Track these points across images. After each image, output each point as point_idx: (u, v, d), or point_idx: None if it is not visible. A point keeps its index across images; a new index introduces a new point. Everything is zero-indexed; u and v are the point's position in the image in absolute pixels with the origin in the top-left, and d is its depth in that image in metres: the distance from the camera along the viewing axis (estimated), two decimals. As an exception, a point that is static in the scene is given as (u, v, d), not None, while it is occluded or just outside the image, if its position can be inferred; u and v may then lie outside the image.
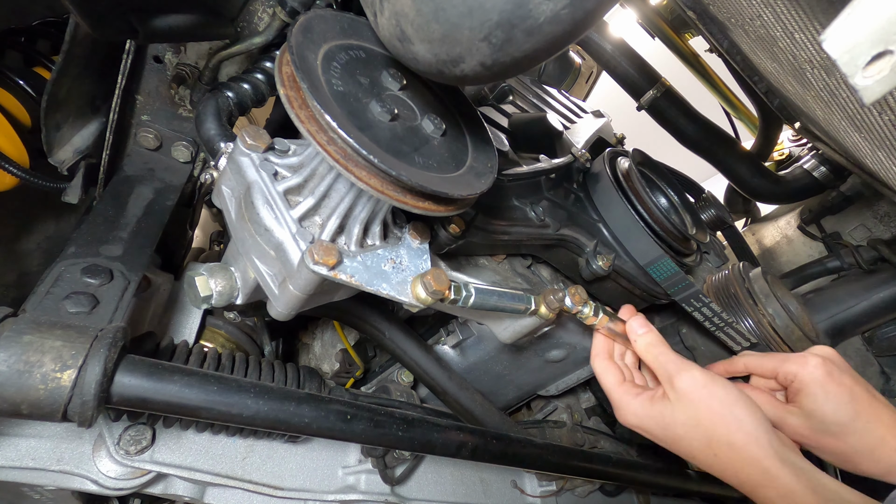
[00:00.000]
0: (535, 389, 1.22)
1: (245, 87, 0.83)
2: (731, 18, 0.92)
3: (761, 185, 1.65)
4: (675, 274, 0.91)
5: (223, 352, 0.82)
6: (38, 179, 0.86)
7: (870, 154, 0.90)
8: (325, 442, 0.98)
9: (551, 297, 0.78)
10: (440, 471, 1.11)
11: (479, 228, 0.82)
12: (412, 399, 1.04)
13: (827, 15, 0.66)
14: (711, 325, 0.96)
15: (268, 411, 0.65)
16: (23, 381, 0.51)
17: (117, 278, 0.71)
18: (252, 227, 0.61)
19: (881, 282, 1.28)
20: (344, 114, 0.54)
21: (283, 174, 0.64)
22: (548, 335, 1.02)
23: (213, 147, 0.72)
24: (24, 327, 0.54)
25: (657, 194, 1.11)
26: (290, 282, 0.59)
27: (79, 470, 0.75)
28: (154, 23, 0.75)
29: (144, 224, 0.84)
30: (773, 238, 1.98)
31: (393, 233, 0.72)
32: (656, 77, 1.59)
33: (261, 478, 0.88)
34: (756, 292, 1.06)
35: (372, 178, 0.55)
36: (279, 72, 0.55)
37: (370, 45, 0.65)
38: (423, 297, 0.64)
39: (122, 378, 0.57)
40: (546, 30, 0.44)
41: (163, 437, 0.81)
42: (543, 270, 1.07)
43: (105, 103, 0.90)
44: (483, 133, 0.72)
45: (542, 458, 0.94)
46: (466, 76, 0.50)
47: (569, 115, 1.58)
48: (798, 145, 1.88)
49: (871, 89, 0.37)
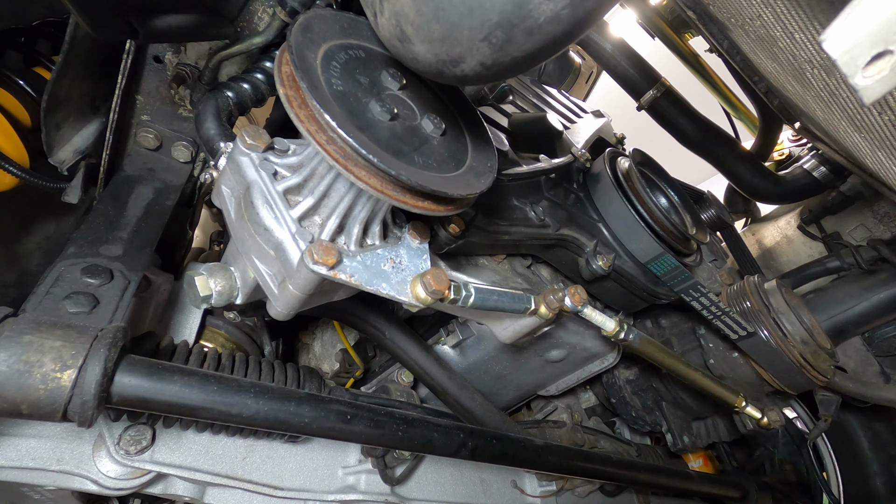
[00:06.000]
0: (535, 389, 1.22)
1: (245, 87, 0.83)
2: (731, 18, 0.92)
3: (761, 185, 1.65)
4: (676, 268, 0.92)
5: (223, 352, 0.82)
6: (38, 179, 0.86)
7: (870, 154, 0.90)
8: (325, 442, 0.98)
9: (551, 297, 0.78)
10: (440, 471, 1.11)
11: (478, 228, 0.82)
12: (412, 399, 1.04)
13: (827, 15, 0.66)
14: (710, 314, 0.99)
15: (268, 411, 0.65)
16: (23, 381, 0.51)
17: (117, 278, 0.71)
18: (252, 227, 0.61)
19: (881, 282, 1.28)
20: (343, 113, 0.54)
21: (283, 174, 0.64)
22: (548, 335, 1.02)
23: (213, 147, 0.72)
24: (24, 327, 0.54)
25: (657, 194, 1.12)
26: (289, 281, 0.59)
27: (79, 470, 0.75)
28: (154, 23, 0.75)
29: (144, 224, 0.84)
30: (773, 238, 1.98)
31: (393, 232, 0.72)
32: (656, 77, 1.59)
33: (261, 478, 0.88)
34: (773, 307, 1.07)
35: (371, 178, 0.55)
36: (279, 71, 0.55)
37: (370, 44, 0.65)
38: (423, 296, 0.64)
39: (122, 378, 0.57)
40: (546, 30, 0.44)
41: (163, 437, 0.81)
42: (543, 270, 1.07)
43: (105, 103, 0.90)
44: (483, 133, 0.72)
45: (542, 458, 0.94)
46: (466, 76, 0.50)
47: (569, 115, 1.58)
48: (798, 145, 1.88)
49: (871, 89, 0.37)
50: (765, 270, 1.84)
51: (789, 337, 1.04)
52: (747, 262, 1.66)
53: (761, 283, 1.14)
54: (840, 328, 1.25)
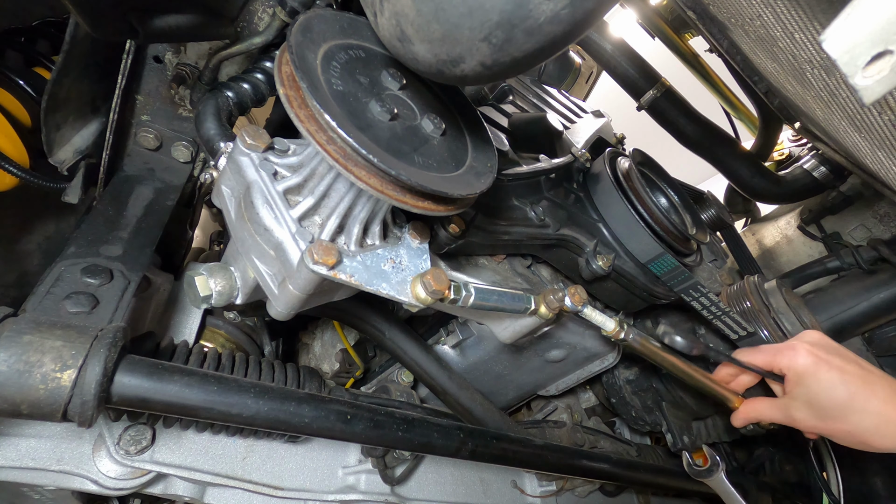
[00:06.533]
0: (535, 389, 1.22)
1: (245, 87, 0.83)
2: (731, 18, 0.92)
3: (761, 185, 1.65)
4: (676, 268, 0.92)
5: (223, 352, 0.81)
6: (38, 179, 0.86)
7: (870, 154, 0.90)
8: (325, 442, 0.98)
9: (551, 297, 0.78)
10: (440, 471, 1.11)
11: (478, 228, 0.82)
12: (412, 399, 1.04)
13: (827, 15, 0.66)
14: (710, 314, 0.99)
15: (268, 411, 0.65)
16: (23, 381, 0.51)
17: (117, 278, 0.71)
18: (252, 227, 0.61)
19: (881, 282, 1.28)
20: (343, 113, 0.54)
21: (283, 174, 0.64)
22: (548, 335, 1.02)
23: (213, 147, 0.72)
24: (24, 327, 0.54)
25: (657, 194, 1.12)
26: (289, 281, 0.59)
27: (79, 470, 0.75)
28: (154, 23, 0.75)
29: (144, 224, 0.84)
30: (773, 238, 1.98)
31: (393, 232, 0.72)
32: (656, 77, 1.59)
33: (261, 478, 0.88)
34: (773, 307, 1.07)
35: (371, 178, 0.55)
36: (279, 71, 0.55)
37: (370, 44, 0.65)
38: (423, 296, 0.64)
39: (122, 378, 0.57)
40: (546, 30, 0.44)
41: (163, 437, 0.81)
42: (543, 270, 1.07)
43: (105, 103, 0.90)
44: (483, 133, 0.72)
45: (542, 458, 0.94)
46: (466, 76, 0.50)
47: (569, 115, 1.57)
48: (798, 145, 1.88)
49: (870, 89, 0.37)
50: (765, 270, 1.84)
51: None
52: (747, 262, 1.66)
53: (761, 283, 1.14)
54: (840, 328, 1.25)
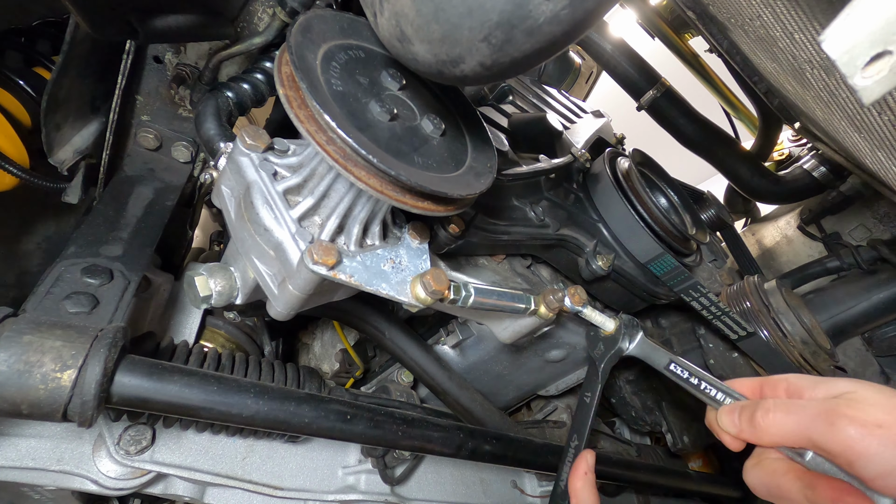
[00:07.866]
0: (535, 389, 1.22)
1: (245, 87, 0.83)
2: (731, 18, 0.92)
3: (761, 185, 1.65)
4: (676, 268, 0.92)
5: (223, 352, 0.82)
6: (38, 179, 0.86)
7: (869, 154, 0.90)
8: (325, 442, 0.98)
9: (551, 297, 0.78)
10: (440, 471, 1.11)
11: (478, 228, 0.82)
12: (412, 399, 1.04)
13: (827, 15, 0.66)
14: (710, 314, 0.99)
15: (268, 411, 0.65)
16: (23, 381, 0.51)
17: (117, 278, 0.71)
18: (252, 227, 0.61)
19: (881, 282, 1.28)
20: (343, 114, 0.54)
21: (283, 174, 0.64)
22: (548, 335, 1.02)
23: (213, 147, 0.72)
24: (24, 327, 0.54)
25: (657, 194, 1.12)
26: (289, 282, 0.59)
27: (79, 470, 0.75)
28: (154, 23, 0.76)
29: (144, 224, 0.84)
30: (773, 238, 1.98)
31: (392, 233, 0.72)
32: (656, 77, 1.59)
33: (261, 478, 0.88)
34: (773, 307, 1.07)
35: (371, 178, 0.55)
36: (278, 72, 0.55)
37: (370, 45, 0.65)
38: (423, 297, 0.64)
39: (122, 378, 0.57)
40: (546, 30, 0.44)
41: (163, 437, 0.81)
42: (543, 270, 1.07)
43: (105, 103, 0.90)
44: (482, 133, 0.72)
45: (542, 458, 0.94)
46: (466, 76, 0.50)
47: (569, 115, 1.57)
48: (798, 145, 1.88)
49: (870, 89, 0.37)
50: (765, 270, 1.84)
51: (789, 337, 1.04)
52: (747, 262, 1.66)
53: (761, 283, 1.14)
54: (840, 328, 1.25)
